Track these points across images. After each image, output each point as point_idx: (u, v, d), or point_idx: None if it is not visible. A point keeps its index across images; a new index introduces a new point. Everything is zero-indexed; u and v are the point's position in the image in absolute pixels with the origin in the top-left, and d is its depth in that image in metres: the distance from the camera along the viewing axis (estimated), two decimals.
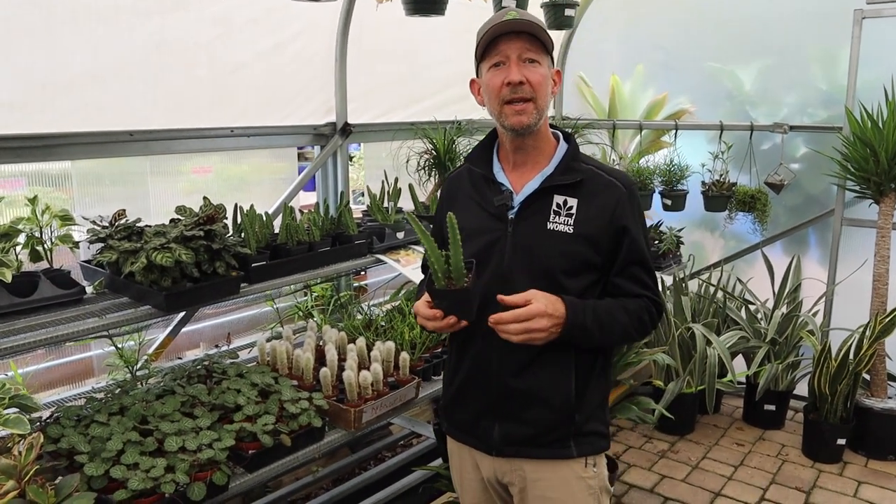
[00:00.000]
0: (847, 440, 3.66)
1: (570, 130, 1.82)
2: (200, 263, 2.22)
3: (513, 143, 1.70)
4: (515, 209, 1.69)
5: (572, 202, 1.66)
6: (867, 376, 3.74)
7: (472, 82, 1.78)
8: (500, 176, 1.75)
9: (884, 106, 3.56)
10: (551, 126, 1.80)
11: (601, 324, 1.64)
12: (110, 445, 1.87)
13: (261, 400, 2.21)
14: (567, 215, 1.66)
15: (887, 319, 3.52)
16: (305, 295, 3.39)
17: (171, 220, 2.42)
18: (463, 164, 1.88)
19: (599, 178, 1.70)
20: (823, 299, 4.01)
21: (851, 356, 3.55)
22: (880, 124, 3.52)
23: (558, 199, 1.67)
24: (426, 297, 1.66)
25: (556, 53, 1.92)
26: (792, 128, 4.09)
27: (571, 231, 1.65)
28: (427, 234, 1.58)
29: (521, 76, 1.60)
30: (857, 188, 3.70)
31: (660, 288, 1.79)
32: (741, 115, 4.39)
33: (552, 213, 1.66)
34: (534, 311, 1.55)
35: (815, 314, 3.98)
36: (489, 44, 1.64)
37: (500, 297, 1.58)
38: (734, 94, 4.45)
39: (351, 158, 4.57)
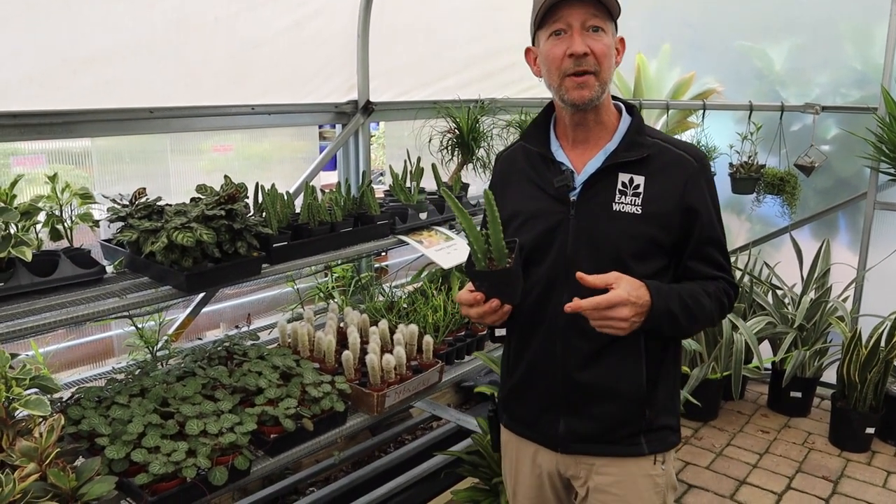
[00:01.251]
0: (876, 429, 3.59)
1: (634, 102, 1.69)
2: (222, 243, 2.18)
3: (573, 119, 1.57)
4: (578, 190, 1.57)
5: (639, 180, 1.54)
6: None
7: (528, 51, 1.64)
8: (560, 154, 1.62)
9: None
10: (613, 98, 1.66)
11: (688, 309, 1.51)
12: (131, 428, 1.84)
13: (282, 383, 2.17)
14: (634, 195, 1.54)
15: None
16: (326, 276, 3.35)
17: (192, 199, 2.38)
18: (516, 141, 1.76)
19: (667, 153, 1.57)
20: (853, 285, 3.91)
21: (883, 343, 3.47)
22: None
23: (623, 177, 1.55)
24: (469, 285, 1.55)
25: None
26: (824, 108, 3.98)
27: (639, 211, 1.53)
28: (465, 212, 1.44)
29: (585, 47, 1.46)
30: (892, 171, 3.59)
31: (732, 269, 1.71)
32: (771, 95, 4.28)
33: (617, 192, 1.54)
34: (615, 299, 1.41)
35: (844, 300, 3.89)
36: (549, 9, 1.49)
37: (579, 275, 1.44)
38: (764, 73, 4.33)
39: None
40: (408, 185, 3.02)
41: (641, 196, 1.53)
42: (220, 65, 2.83)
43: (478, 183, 3.43)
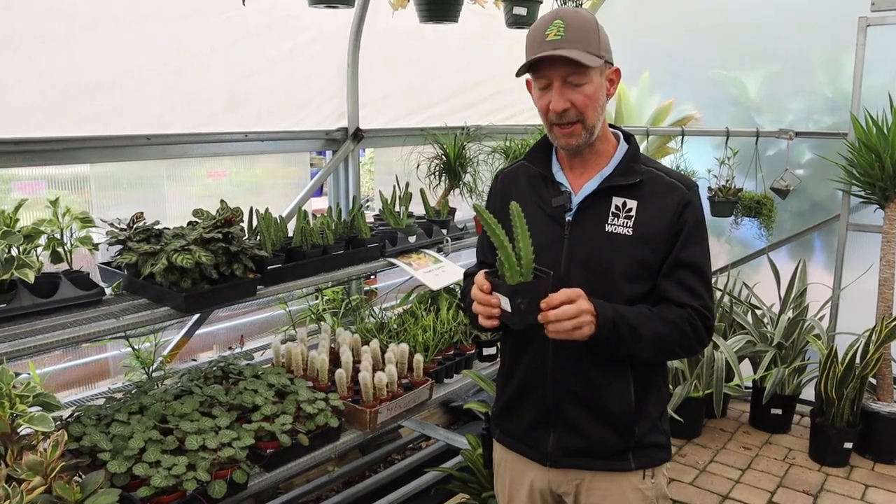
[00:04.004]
0: (854, 444, 3.69)
1: (630, 131, 1.77)
2: (219, 265, 2.25)
3: (568, 154, 1.68)
4: (573, 210, 1.65)
5: (632, 204, 1.61)
6: (873, 380, 3.76)
7: (529, 84, 1.70)
8: (560, 175, 1.70)
9: (888, 112, 3.60)
10: (611, 126, 1.74)
11: (630, 326, 1.52)
12: (132, 444, 1.90)
13: (278, 400, 2.24)
14: (626, 217, 1.61)
15: (893, 323, 3.54)
16: (317, 298, 3.42)
17: (189, 223, 2.46)
18: (517, 160, 1.83)
19: (660, 180, 1.64)
20: (829, 304, 4.04)
21: (858, 360, 3.58)
22: (885, 130, 3.56)
23: (617, 200, 1.62)
24: (482, 279, 1.51)
25: None
26: (797, 134, 4.13)
27: (630, 233, 1.59)
28: (498, 226, 1.43)
29: (566, 102, 1.55)
30: (863, 193, 3.74)
31: (713, 301, 1.67)
32: (747, 121, 4.43)
33: (611, 215, 1.61)
34: (577, 291, 1.47)
35: (821, 318, 4.01)
36: (532, 66, 1.57)
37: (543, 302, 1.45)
38: (739, 100, 4.49)
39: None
40: (396, 209, 3.11)
41: (633, 219, 1.60)
42: (216, 93, 2.92)
43: (464, 208, 3.53)
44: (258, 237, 2.52)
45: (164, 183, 2.90)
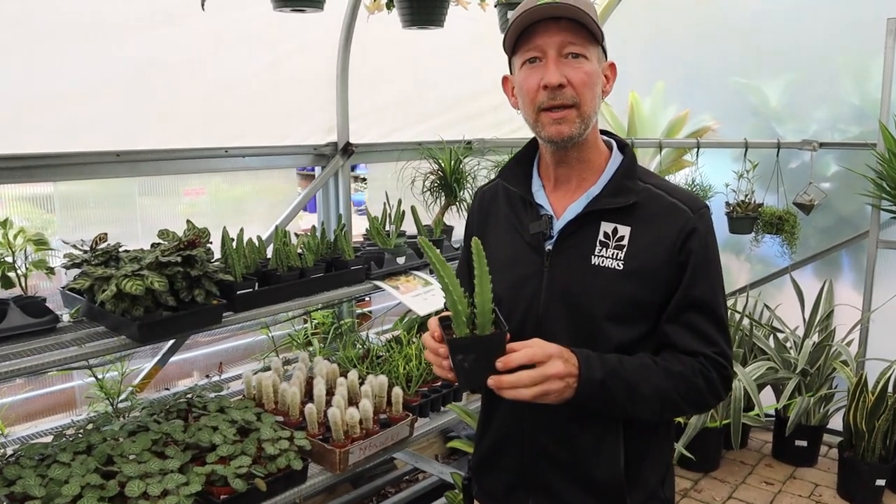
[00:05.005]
0: (887, 481, 3.39)
1: (627, 140, 1.50)
2: (178, 291, 2.08)
3: (554, 157, 1.39)
4: (554, 238, 1.39)
5: (624, 231, 1.34)
6: None
7: (505, 80, 1.46)
8: (540, 196, 1.44)
9: None
10: (603, 133, 1.47)
11: (626, 384, 1.27)
12: (66, 490, 1.72)
13: (239, 439, 2.05)
14: (617, 247, 1.34)
15: None
16: (306, 322, 3.24)
17: (153, 245, 2.30)
18: (496, 177, 1.57)
19: (660, 201, 1.37)
20: (858, 327, 3.75)
21: (891, 389, 3.30)
22: None
23: (606, 226, 1.35)
24: (434, 324, 1.32)
25: None
26: (822, 145, 3.88)
27: (621, 267, 1.33)
28: (444, 263, 1.22)
29: (562, 77, 1.28)
30: (894, 208, 3.47)
31: (731, 346, 1.40)
32: (767, 131, 4.18)
33: (598, 244, 1.35)
34: (548, 350, 1.22)
35: (849, 343, 3.72)
36: (522, 33, 1.32)
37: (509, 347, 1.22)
38: (760, 110, 4.24)
39: (364, 180, 4.44)
40: (387, 228, 2.93)
41: (625, 249, 1.33)
42: (193, 106, 2.77)
43: (461, 225, 3.33)
44: (229, 260, 2.35)
45: (136, 202, 2.74)
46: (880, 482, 3.38)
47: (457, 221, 3.29)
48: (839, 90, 3.97)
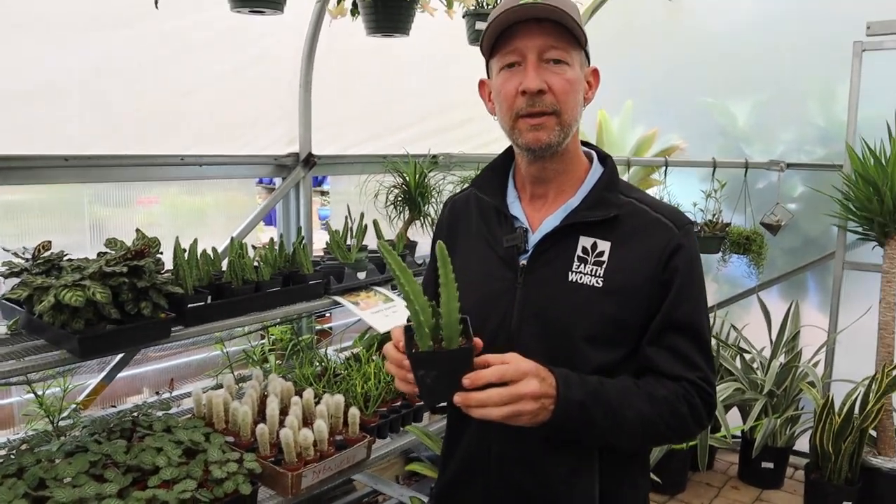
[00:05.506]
0: (853, 503, 3.36)
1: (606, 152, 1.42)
2: (123, 303, 1.97)
3: (531, 167, 1.32)
4: (529, 253, 1.31)
5: (604, 246, 1.26)
6: (873, 433, 3.45)
7: (482, 84, 1.39)
8: (515, 207, 1.36)
9: (887, 143, 3.34)
10: (584, 144, 1.39)
11: (607, 408, 1.18)
12: None
13: (185, 461, 1.93)
14: (596, 263, 1.26)
15: None
16: (263, 338, 3.12)
17: (99, 254, 2.18)
18: (469, 186, 1.48)
19: (642, 215, 1.29)
20: (825, 349, 3.74)
21: (857, 411, 3.28)
22: (883, 162, 3.31)
23: (585, 241, 1.27)
24: (398, 333, 1.22)
25: None
26: (789, 165, 3.88)
27: (600, 284, 1.24)
28: (405, 270, 1.11)
29: (541, 82, 1.21)
30: (860, 229, 3.47)
31: (714, 371, 1.31)
32: (735, 151, 4.18)
33: (576, 259, 1.27)
34: (523, 368, 1.12)
35: (815, 364, 3.71)
36: (500, 34, 1.25)
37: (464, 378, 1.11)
38: (727, 130, 4.25)
39: (326, 193, 4.35)
40: (349, 242, 2.84)
41: (605, 265, 1.25)
42: (148, 111, 2.66)
43: (426, 241, 3.25)
44: (179, 272, 2.24)
45: (85, 210, 2.61)
46: None
47: (420, 237, 3.21)
48: (806, 112, 3.99)
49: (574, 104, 1.26)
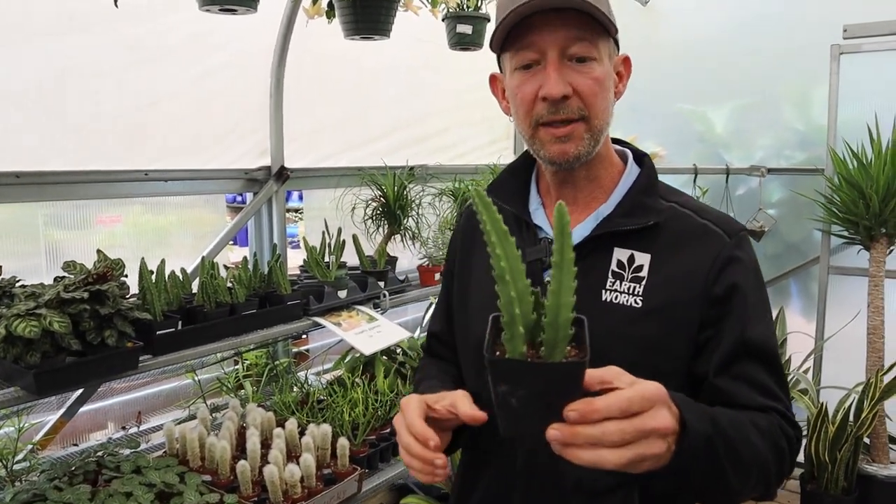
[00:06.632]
0: None
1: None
2: (85, 333, 1.78)
3: (556, 176, 1.16)
4: None
5: (642, 259, 1.09)
6: (866, 440, 3.39)
7: (493, 80, 1.22)
8: (539, 216, 1.19)
9: (867, 145, 3.30)
10: (615, 141, 1.22)
11: (727, 441, 0.91)
12: None
13: None
14: (634, 279, 1.09)
15: (892, 378, 3.19)
16: (237, 364, 2.93)
17: (56, 279, 1.98)
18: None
19: (686, 221, 1.11)
20: (812, 356, 3.67)
21: (851, 418, 3.20)
22: (865, 163, 3.26)
23: (621, 253, 1.10)
24: (418, 404, 0.97)
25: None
26: (770, 170, 3.83)
27: (639, 304, 1.07)
28: (506, 236, 0.78)
29: (566, 86, 1.04)
30: (845, 233, 3.41)
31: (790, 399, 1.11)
32: (714, 158, 4.12)
33: (611, 275, 1.10)
34: (650, 392, 0.80)
35: (806, 372, 3.64)
36: (513, 28, 1.06)
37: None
38: (706, 136, 4.19)
39: (298, 210, 4.17)
40: (326, 259, 2.67)
41: (644, 282, 1.08)
42: (108, 123, 2.47)
43: (406, 256, 3.10)
44: (147, 296, 2.05)
45: (40, 232, 2.41)
46: None
47: (401, 252, 3.07)
48: (784, 117, 3.95)
49: (604, 106, 1.09)
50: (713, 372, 1.05)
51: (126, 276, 2.00)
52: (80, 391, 2.39)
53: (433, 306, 1.14)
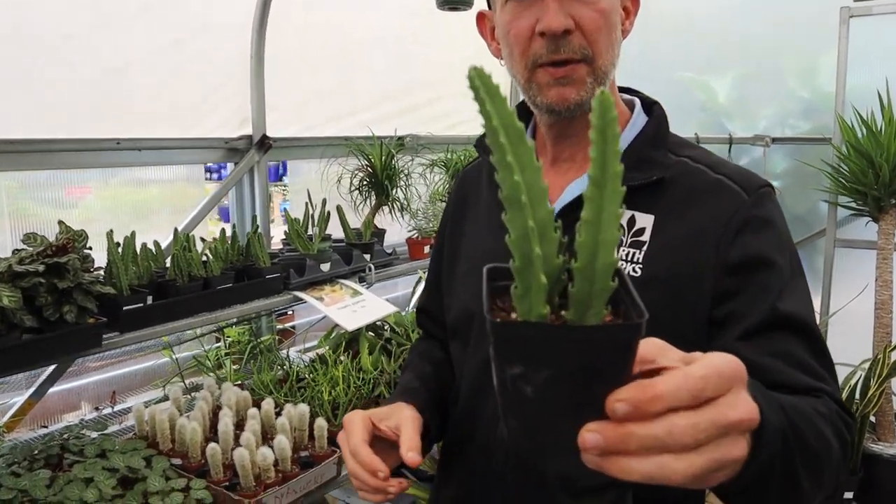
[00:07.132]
0: (854, 493, 3.19)
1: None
2: (42, 308, 1.67)
3: (553, 129, 1.04)
4: None
5: (644, 221, 0.96)
6: (872, 418, 3.28)
7: (480, 18, 1.09)
8: None
9: (877, 112, 3.16)
10: (623, 90, 1.11)
11: (797, 434, 0.69)
12: None
13: (120, 493, 1.64)
14: (633, 245, 0.95)
15: None
16: (219, 341, 2.82)
17: (14, 251, 1.87)
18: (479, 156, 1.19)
19: (699, 177, 0.98)
20: None
21: (857, 396, 3.09)
22: (875, 131, 3.12)
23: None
24: (362, 425, 0.88)
25: None
26: (774, 140, 3.69)
27: (639, 273, 0.94)
28: (520, 135, 0.50)
29: (567, 19, 0.92)
30: (854, 204, 3.28)
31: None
32: (716, 127, 3.99)
33: None
34: (728, 367, 0.53)
35: None
36: None
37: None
38: (708, 105, 4.05)
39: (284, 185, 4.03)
40: (310, 231, 2.55)
41: (645, 247, 0.95)
42: (78, 90, 2.33)
43: (395, 228, 2.98)
44: (113, 269, 1.93)
45: (3, 205, 2.28)
46: (848, 495, 3.17)
47: (389, 224, 2.94)
48: (788, 85, 3.81)
49: (610, 44, 0.96)
50: (743, 344, 0.86)
51: (90, 248, 1.88)
52: (51, 370, 2.28)
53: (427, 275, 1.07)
